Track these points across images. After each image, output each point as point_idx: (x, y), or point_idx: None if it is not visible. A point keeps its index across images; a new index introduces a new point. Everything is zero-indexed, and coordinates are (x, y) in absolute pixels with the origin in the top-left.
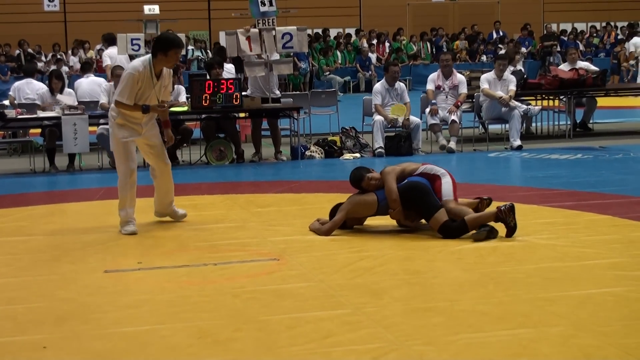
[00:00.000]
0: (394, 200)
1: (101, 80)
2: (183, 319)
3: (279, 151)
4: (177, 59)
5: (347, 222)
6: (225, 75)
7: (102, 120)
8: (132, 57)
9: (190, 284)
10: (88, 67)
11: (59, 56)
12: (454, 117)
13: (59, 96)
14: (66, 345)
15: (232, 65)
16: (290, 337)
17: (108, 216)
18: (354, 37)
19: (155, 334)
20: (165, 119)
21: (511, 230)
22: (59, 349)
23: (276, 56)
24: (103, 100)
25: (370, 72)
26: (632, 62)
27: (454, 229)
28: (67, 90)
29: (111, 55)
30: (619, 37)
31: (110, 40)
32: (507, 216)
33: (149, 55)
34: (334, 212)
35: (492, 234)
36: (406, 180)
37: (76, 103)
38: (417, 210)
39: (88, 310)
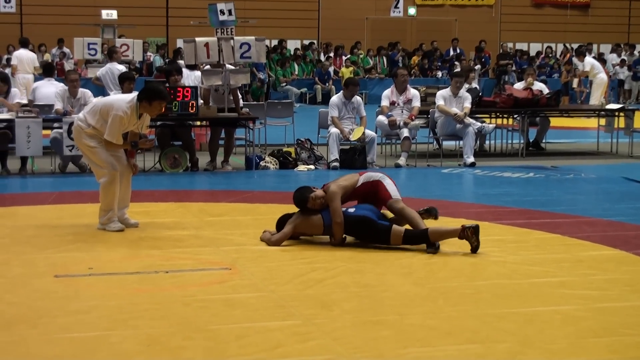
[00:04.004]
0: (338, 223)
1: (60, 84)
2: (132, 326)
3: (226, 160)
4: (160, 110)
5: (294, 234)
6: (188, 81)
7: (56, 125)
8: (89, 61)
9: (140, 291)
10: (50, 70)
11: (7, 58)
12: (406, 133)
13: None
14: (14, 349)
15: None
16: (240, 346)
17: (60, 220)
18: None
19: (104, 341)
20: (132, 150)
21: (474, 249)
22: (7, 354)
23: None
24: (58, 106)
25: (327, 84)
26: (575, 80)
27: (417, 236)
28: (13, 90)
29: (18, 56)
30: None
31: (22, 43)
32: (470, 237)
33: (134, 96)
34: (281, 222)
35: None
36: (354, 210)
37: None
38: (371, 240)
39: (37, 315)
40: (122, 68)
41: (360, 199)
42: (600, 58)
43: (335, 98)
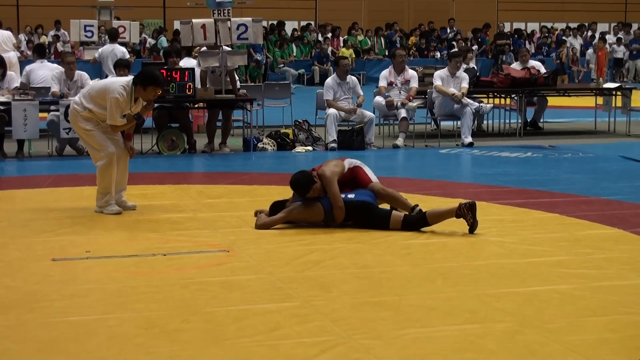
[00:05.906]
0: (340, 207)
1: (55, 66)
2: (130, 309)
3: (224, 142)
4: (154, 95)
5: (291, 220)
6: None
7: (52, 107)
8: (85, 43)
9: (138, 274)
10: (42, 52)
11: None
12: (403, 114)
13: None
14: (11, 333)
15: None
16: (238, 329)
17: (57, 203)
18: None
19: (102, 324)
20: (129, 132)
21: (472, 227)
22: (4, 338)
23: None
24: (54, 88)
25: (326, 65)
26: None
27: (415, 222)
28: (9, 74)
29: None
30: (563, 37)
31: None
32: (466, 215)
33: (130, 80)
34: (274, 207)
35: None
36: (354, 196)
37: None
38: (370, 225)
39: (34, 298)
40: (123, 50)
41: (342, 185)
42: (602, 37)
43: (330, 80)
